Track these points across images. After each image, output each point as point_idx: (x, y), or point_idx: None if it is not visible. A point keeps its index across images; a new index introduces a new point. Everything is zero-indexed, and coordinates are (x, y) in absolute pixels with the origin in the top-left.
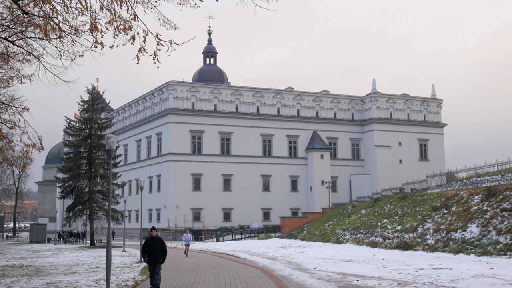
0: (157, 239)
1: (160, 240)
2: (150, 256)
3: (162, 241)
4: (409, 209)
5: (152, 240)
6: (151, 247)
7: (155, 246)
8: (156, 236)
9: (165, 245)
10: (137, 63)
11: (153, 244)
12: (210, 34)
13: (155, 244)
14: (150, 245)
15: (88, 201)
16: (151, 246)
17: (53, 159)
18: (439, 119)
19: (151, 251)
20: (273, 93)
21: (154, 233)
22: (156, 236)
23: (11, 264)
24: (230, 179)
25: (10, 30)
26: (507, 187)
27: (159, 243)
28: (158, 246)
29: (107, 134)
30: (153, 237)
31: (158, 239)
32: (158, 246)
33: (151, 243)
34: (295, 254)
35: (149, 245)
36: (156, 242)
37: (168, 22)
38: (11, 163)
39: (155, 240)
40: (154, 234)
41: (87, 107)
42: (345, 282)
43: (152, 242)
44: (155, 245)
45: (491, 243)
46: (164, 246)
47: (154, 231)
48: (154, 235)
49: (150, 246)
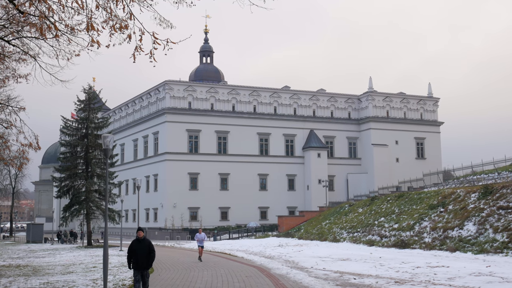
0: (144, 241)
1: (147, 243)
2: (136, 261)
3: (150, 244)
4: (406, 207)
5: (138, 243)
6: (138, 250)
7: (142, 249)
8: (143, 237)
9: (153, 248)
10: (134, 62)
11: (140, 247)
12: (206, 33)
13: (141, 247)
14: (136, 248)
15: (85, 201)
16: (137, 250)
17: (50, 158)
18: (436, 117)
19: (137, 255)
20: (269, 92)
21: (140, 234)
22: (143, 238)
23: (8, 264)
24: (227, 178)
25: (6, 30)
26: (504, 185)
27: (146, 245)
28: (145, 249)
29: (104, 134)
30: (140, 239)
31: (145, 241)
32: (145, 249)
33: (137, 246)
34: (292, 253)
35: (135, 248)
36: (143, 244)
37: (164, 21)
38: (8, 163)
39: (142, 242)
40: (141, 235)
41: (84, 107)
42: (343, 281)
43: (138, 245)
44: (142, 248)
45: (488, 241)
46: (151, 249)
47: (140, 232)
48: (140, 236)
49: (136, 250)
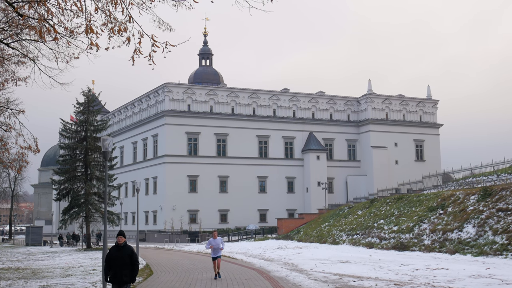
0: (125, 249)
1: (128, 251)
2: (114, 274)
3: (132, 252)
4: (406, 209)
5: (117, 251)
6: (117, 260)
7: (122, 258)
8: (123, 244)
9: (136, 258)
10: (133, 65)
11: (119, 256)
12: (205, 35)
13: (122, 256)
14: (115, 257)
15: (84, 204)
16: (116, 259)
17: (49, 161)
18: (435, 119)
19: (116, 266)
20: (269, 94)
21: (121, 240)
22: (123, 245)
23: (7, 267)
24: (226, 181)
25: (5, 32)
26: (503, 187)
27: (127, 254)
28: (125, 259)
29: (103, 136)
30: (119, 245)
31: (126, 248)
32: (126, 258)
33: (116, 254)
34: (291, 255)
35: (113, 257)
36: (123, 253)
37: (164, 23)
38: (7, 165)
39: (123, 250)
40: (121, 241)
41: (83, 109)
42: (342, 283)
43: (118, 253)
44: (122, 258)
45: (487, 243)
46: (134, 259)
47: (121, 237)
48: (120, 242)
49: (115, 259)
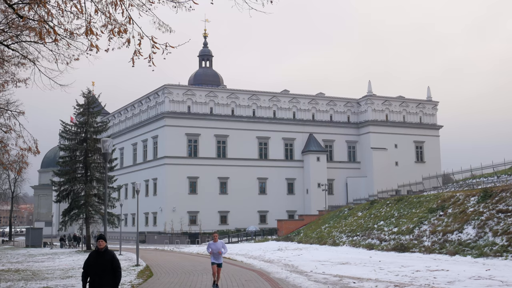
0: (105, 254)
1: (109, 256)
2: (93, 282)
3: (113, 257)
4: (406, 211)
5: (97, 256)
6: (97, 266)
7: (102, 265)
8: (104, 249)
9: (117, 264)
10: (133, 66)
11: (99, 262)
12: (205, 37)
13: (102, 262)
14: (94, 263)
15: (84, 205)
16: (96, 266)
17: (49, 163)
18: (435, 121)
19: (96, 273)
20: (269, 96)
21: (101, 244)
22: (104, 250)
23: (7, 269)
24: (226, 182)
25: (5, 34)
26: (503, 188)
27: (107, 260)
28: (105, 265)
29: (103, 138)
30: (100, 250)
31: (107, 254)
32: (106, 265)
33: (95, 260)
34: (291, 257)
35: (92, 264)
36: (104, 259)
37: (164, 25)
38: (7, 167)
39: (103, 255)
40: (102, 246)
41: (83, 111)
42: (342, 285)
43: (97, 259)
44: (102, 264)
45: (487, 244)
46: (116, 265)
47: (101, 241)
48: (101, 247)
49: (94, 266)
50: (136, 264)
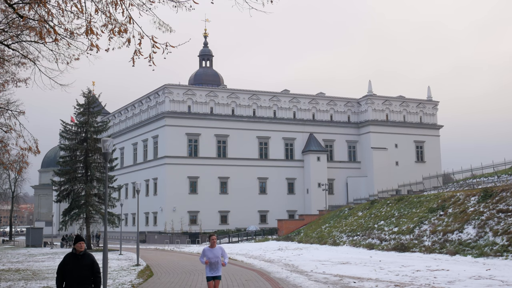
0: (84, 258)
1: (89, 260)
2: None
3: (93, 262)
4: (406, 211)
5: (75, 260)
6: (74, 271)
7: (80, 269)
8: (82, 252)
9: (97, 269)
10: (133, 66)
11: (76, 266)
12: (206, 37)
13: (80, 266)
14: (71, 268)
15: (84, 205)
16: (73, 270)
17: (49, 162)
18: (435, 121)
19: (73, 278)
20: (269, 95)
21: (80, 246)
22: (82, 253)
23: (8, 268)
24: (226, 182)
25: (6, 34)
26: (503, 188)
27: (87, 265)
28: (83, 270)
29: (103, 138)
30: (78, 254)
31: (86, 257)
32: (84, 270)
33: (73, 264)
34: (292, 257)
35: (69, 268)
36: (82, 262)
37: (164, 25)
38: (7, 167)
39: (82, 259)
40: (81, 248)
41: (83, 111)
42: (342, 284)
43: (75, 263)
44: (81, 268)
45: (487, 244)
46: (95, 269)
47: (81, 243)
48: (79, 250)
49: (71, 270)
50: (137, 264)
